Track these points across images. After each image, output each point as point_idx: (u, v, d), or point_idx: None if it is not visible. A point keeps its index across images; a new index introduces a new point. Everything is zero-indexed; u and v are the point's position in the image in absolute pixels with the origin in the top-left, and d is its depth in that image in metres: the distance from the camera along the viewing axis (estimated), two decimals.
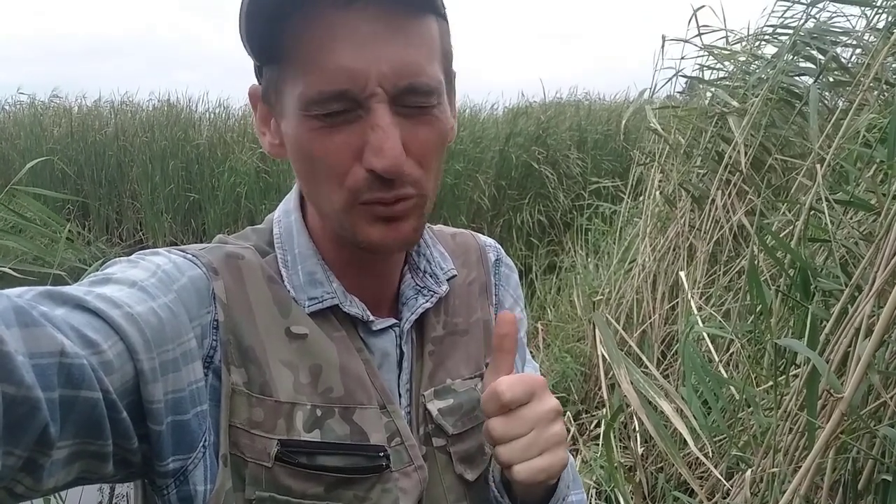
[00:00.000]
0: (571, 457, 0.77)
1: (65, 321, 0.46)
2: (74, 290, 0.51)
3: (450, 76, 0.66)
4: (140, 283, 0.55)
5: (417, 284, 0.73)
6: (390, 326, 0.69)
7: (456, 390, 0.72)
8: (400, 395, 0.70)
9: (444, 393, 0.72)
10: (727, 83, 3.68)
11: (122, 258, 0.61)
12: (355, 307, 0.67)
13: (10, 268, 2.09)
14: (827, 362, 1.55)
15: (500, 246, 0.88)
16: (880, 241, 1.61)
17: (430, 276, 0.74)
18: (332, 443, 0.62)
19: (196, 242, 0.71)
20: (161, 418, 0.52)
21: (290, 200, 0.73)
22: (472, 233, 0.87)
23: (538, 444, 0.61)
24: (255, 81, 0.66)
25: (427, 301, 0.72)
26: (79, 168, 9.04)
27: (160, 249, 0.63)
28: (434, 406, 0.70)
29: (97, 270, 0.59)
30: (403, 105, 0.58)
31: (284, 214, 0.71)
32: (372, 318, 0.68)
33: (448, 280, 0.75)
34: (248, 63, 0.65)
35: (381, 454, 0.64)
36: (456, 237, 0.83)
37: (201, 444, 0.58)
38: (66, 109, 9.80)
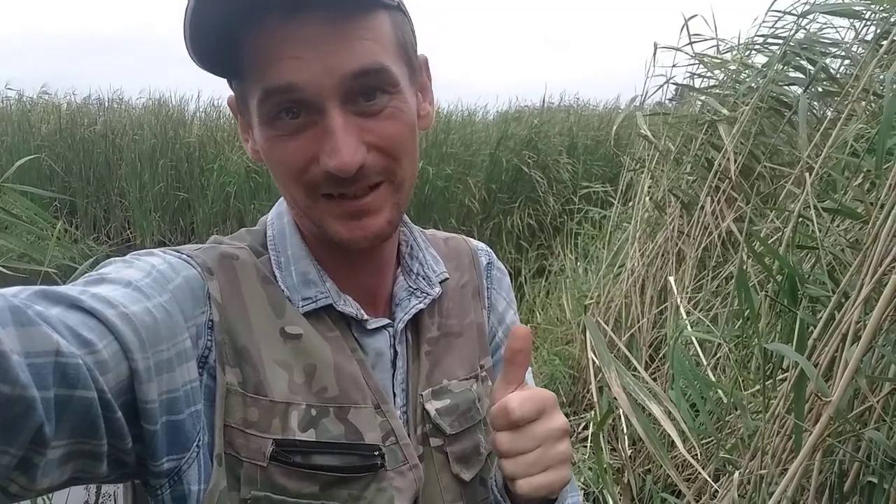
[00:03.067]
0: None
1: (60, 321, 0.46)
2: (69, 289, 0.51)
3: (413, 64, 0.66)
4: (135, 283, 0.55)
5: (410, 286, 0.74)
6: (384, 326, 0.70)
7: (452, 391, 0.73)
8: (395, 394, 0.70)
9: (441, 393, 0.72)
10: (717, 91, 3.71)
11: (116, 258, 0.61)
12: (349, 306, 0.67)
13: None
14: (814, 367, 1.57)
15: (491, 250, 0.89)
16: (867, 249, 1.63)
17: (423, 279, 0.75)
18: (327, 442, 0.63)
19: (184, 241, 0.71)
20: (155, 418, 0.52)
21: (282, 203, 0.73)
22: (464, 237, 0.88)
23: (543, 461, 0.61)
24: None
25: (420, 302, 0.73)
26: (67, 165, 8.94)
27: (155, 250, 0.64)
28: (432, 406, 0.71)
29: (90, 270, 0.59)
30: (358, 105, 0.59)
31: (277, 217, 0.72)
32: (366, 316, 0.68)
33: (441, 283, 0.76)
34: None
35: (376, 453, 0.64)
36: (448, 241, 0.84)
37: (195, 443, 0.58)
38: (54, 106, 9.70)
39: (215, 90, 10.99)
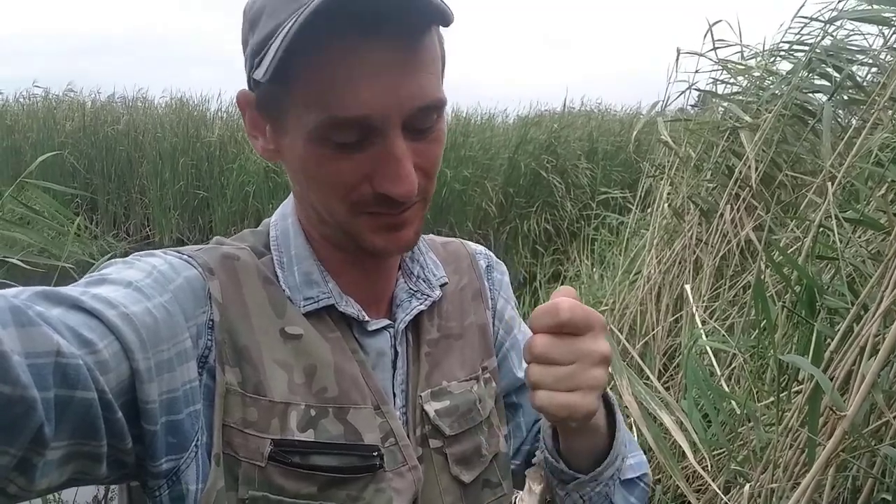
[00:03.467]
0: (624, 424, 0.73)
1: (61, 321, 0.46)
2: (70, 290, 0.51)
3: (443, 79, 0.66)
4: (136, 283, 0.56)
5: (411, 288, 0.74)
6: (385, 327, 0.70)
7: (452, 392, 0.73)
8: (395, 395, 0.70)
9: (440, 394, 0.72)
10: (740, 98, 3.67)
11: (117, 259, 0.62)
12: (351, 307, 0.68)
13: (18, 259, 2.10)
14: (830, 380, 1.54)
15: (490, 252, 0.88)
16: (889, 261, 1.60)
17: (424, 281, 0.75)
18: (326, 442, 0.62)
19: (203, 239, 0.71)
20: (155, 418, 0.52)
21: (286, 205, 0.74)
22: (462, 241, 0.88)
23: (573, 379, 0.57)
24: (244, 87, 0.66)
25: (420, 304, 0.73)
26: (89, 162, 9.07)
27: (156, 251, 0.64)
28: (431, 407, 0.70)
29: (95, 271, 0.59)
30: (414, 128, 0.59)
31: (281, 218, 0.72)
32: (367, 318, 0.68)
33: (440, 287, 0.76)
34: None
35: (375, 454, 0.64)
36: (447, 246, 0.85)
37: (193, 443, 0.58)
38: (79, 104, 9.85)
39: (237, 90, 11.08)
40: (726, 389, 2.45)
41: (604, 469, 0.67)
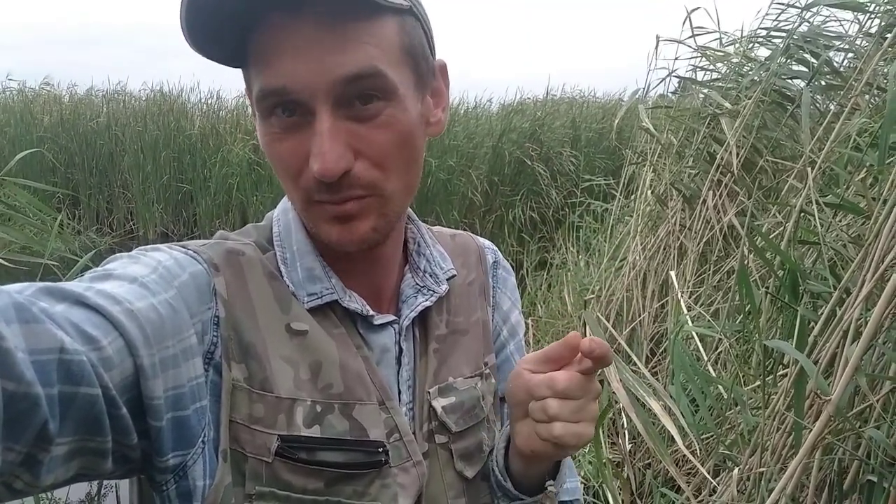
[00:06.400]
0: None
1: (64, 317, 0.46)
2: (74, 286, 0.51)
3: (421, 70, 0.64)
4: (141, 279, 0.55)
5: (417, 283, 0.74)
6: (390, 323, 0.70)
7: (458, 388, 0.73)
8: (400, 391, 0.70)
9: (447, 391, 0.72)
10: (720, 85, 3.70)
11: (122, 254, 0.61)
12: (354, 302, 0.68)
13: (0, 257, 2.08)
14: (815, 364, 1.57)
15: (497, 249, 0.89)
16: (869, 245, 1.63)
17: (430, 276, 0.75)
18: (332, 438, 0.63)
19: (187, 233, 0.72)
20: (161, 414, 0.52)
21: (287, 199, 0.73)
22: (471, 234, 0.87)
23: (582, 412, 0.63)
24: None
25: (427, 300, 0.73)
26: (69, 157, 8.94)
27: (161, 245, 0.63)
28: (438, 403, 0.71)
29: (91, 266, 0.59)
30: (352, 109, 0.58)
31: (283, 212, 0.72)
32: (371, 312, 0.68)
33: (448, 280, 0.76)
34: None
35: (380, 450, 0.64)
36: (455, 238, 0.84)
37: (200, 439, 0.58)
38: (56, 97, 9.69)
39: (214, 81, 10.96)
40: (713, 374, 2.49)
41: (545, 497, 0.72)
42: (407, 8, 0.60)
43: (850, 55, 3.13)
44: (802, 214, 2.17)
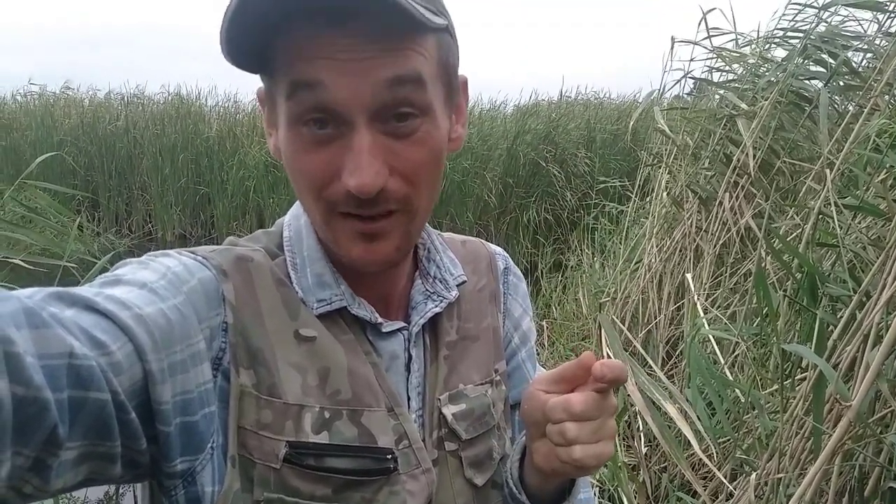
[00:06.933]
0: None
1: (74, 322, 0.46)
2: (84, 291, 0.51)
3: (452, 86, 0.65)
4: (150, 284, 0.56)
5: (427, 290, 0.74)
6: (399, 329, 0.70)
7: (468, 395, 0.73)
8: (409, 398, 0.70)
9: (457, 398, 0.72)
10: (736, 86, 3.67)
11: (132, 259, 0.61)
12: (363, 309, 0.67)
13: (20, 259, 2.11)
14: (834, 368, 1.55)
15: (507, 255, 0.88)
16: (890, 248, 1.60)
17: (441, 282, 0.74)
18: (340, 445, 0.63)
19: (205, 235, 0.72)
20: (169, 419, 0.53)
21: (299, 205, 0.73)
22: (482, 241, 0.87)
23: (600, 431, 0.62)
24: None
25: (436, 306, 0.72)
26: (89, 160, 9.07)
27: (170, 251, 0.64)
28: (448, 410, 0.70)
29: (108, 268, 0.59)
30: (389, 125, 0.58)
31: (294, 218, 0.72)
32: (380, 319, 0.68)
33: (458, 286, 0.75)
34: None
35: (389, 456, 0.64)
36: (466, 244, 0.84)
37: (209, 445, 0.58)
38: (77, 101, 9.83)
39: (231, 84, 11.05)
40: (730, 378, 2.46)
41: None
42: (444, 27, 0.60)
43: (869, 55, 3.09)
44: (821, 216, 2.14)
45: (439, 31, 0.60)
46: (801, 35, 3.22)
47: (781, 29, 3.50)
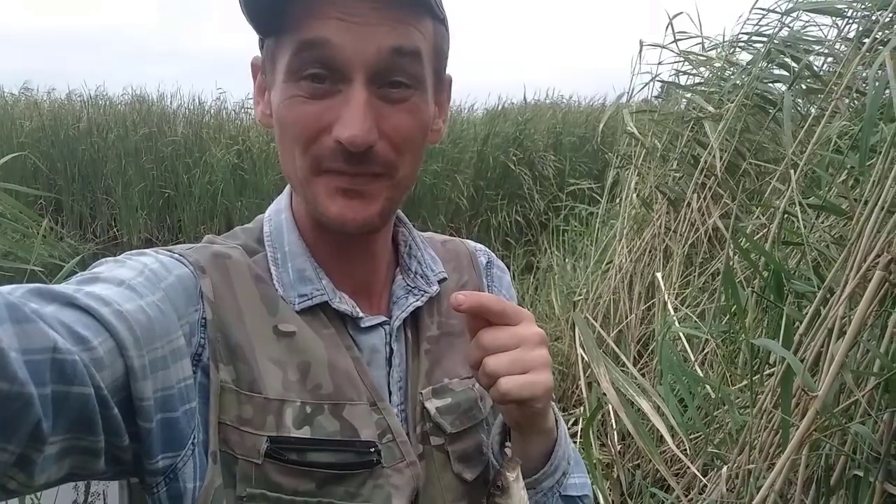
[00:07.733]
0: (572, 444, 0.78)
1: (55, 318, 0.46)
2: (64, 288, 0.51)
3: (441, 77, 0.68)
4: (128, 281, 0.55)
5: (408, 284, 0.74)
6: (380, 324, 0.70)
7: (453, 389, 0.73)
8: (391, 392, 0.70)
9: (441, 392, 0.72)
10: (703, 89, 3.74)
11: (108, 258, 0.61)
12: (344, 304, 0.68)
13: None
14: (801, 362, 1.59)
15: (489, 250, 0.89)
16: (852, 245, 1.65)
17: (421, 277, 0.75)
18: (323, 439, 0.62)
19: (172, 239, 0.72)
20: (151, 415, 0.52)
21: (281, 200, 0.74)
22: (462, 240, 0.88)
23: (523, 361, 0.61)
24: (258, 54, 0.68)
25: (417, 300, 0.73)
26: (51, 163, 8.83)
27: (147, 250, 0.63)
28: (432, 404, 0.71)
29: (76, 272, 0.59)
30: (384, 87, 0.61)
31: (275, 213, 0.72)
32: (361, 314, 0.68)
33: (440, 283, 0.76)
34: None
35: (372, 450, 0.64)
36: (446, 244, 0.85)
37: (190, 441, 0.58)
38: (37, 103, 9.59)
39: (194, 85, 10.89)
40: (700, 374, 2.51)
41: (542, 477, 0.70)
42: (441, 17, 0.64)
43: (830, 59, 3.18)
44: (786, 216, 2.20)
45: (439, 20, 0.64)
46: (765, 39, 3.30)
47: (746, 33, 3.58)
